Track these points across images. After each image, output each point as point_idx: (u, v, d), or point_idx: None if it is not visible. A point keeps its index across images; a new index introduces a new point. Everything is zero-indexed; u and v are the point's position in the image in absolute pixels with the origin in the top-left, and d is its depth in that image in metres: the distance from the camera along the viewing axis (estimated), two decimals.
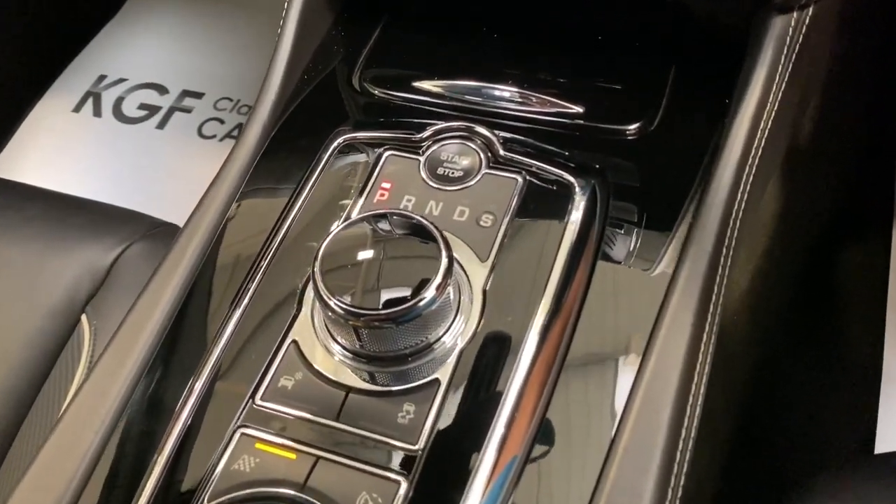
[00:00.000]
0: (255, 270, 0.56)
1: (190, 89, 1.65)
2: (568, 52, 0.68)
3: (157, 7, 1.81)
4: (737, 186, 0.59)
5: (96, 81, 1.70)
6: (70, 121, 1.64)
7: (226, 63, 1.67)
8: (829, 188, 1.03)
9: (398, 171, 0.59)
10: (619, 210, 0.58)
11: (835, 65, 0.75)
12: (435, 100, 0.65)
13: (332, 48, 0.72)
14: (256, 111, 0.68)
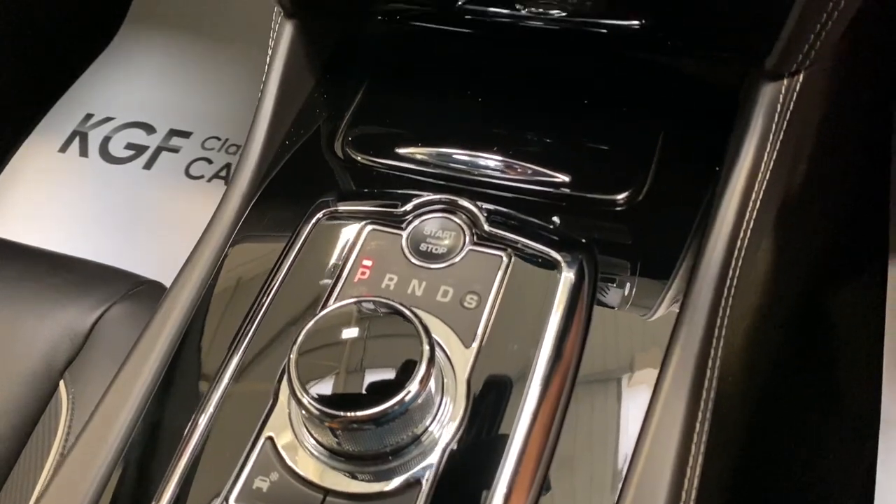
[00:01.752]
0: (231, 355, 0.54)
1: (177, 128, 1.63)
2: (554, 115, 0.67)
3: (144, 44, 1.80)
4: (730, 256, 0.58)
5: (83, 120, 1.69)
6: (56, 161, 1.62)
7: (214, 101, 1.66)
8: (823, 231, 1.02)
9: (380, 248, 0.57)
10: (608, 286, 0.56)
11: (826, 122, 0.74)
12: (418, 167, 0.64)
13: (314, 112, 0.71)
14: (237, 178, 0.67)
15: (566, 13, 0.60)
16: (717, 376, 0.55)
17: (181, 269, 0.63)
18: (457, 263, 0.55)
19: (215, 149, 1.59)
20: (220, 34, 1.75)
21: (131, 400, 0.55)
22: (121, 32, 1.84)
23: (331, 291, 0.55)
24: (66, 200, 1.54)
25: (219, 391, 0.52)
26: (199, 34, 1.78)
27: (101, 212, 1.51)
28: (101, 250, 1.41)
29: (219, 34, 1.75)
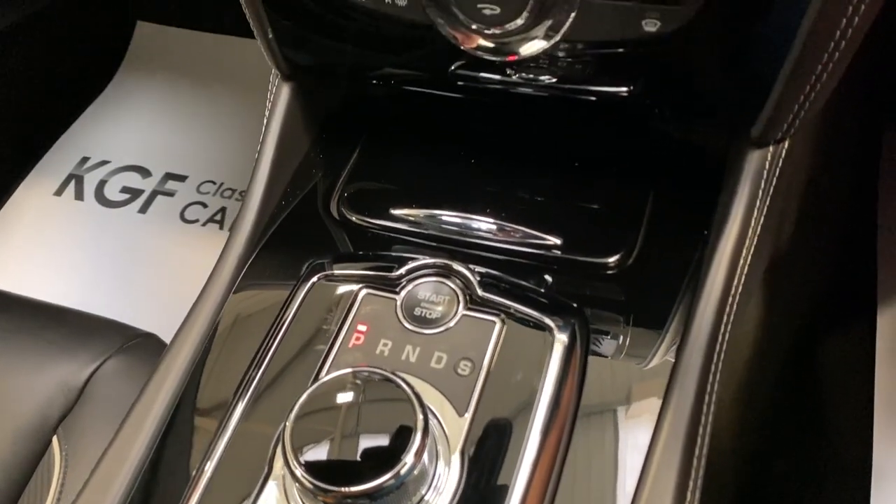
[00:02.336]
0: (226, 423, 0.54)
1: (173, 172, 1.65)
2: (545, 176, 0.68)
3: (141, 88, 1.82)
4: (719, 319, 0.59)
5: (79, 163, 1.70)
6: (52, 204, 1.63)
7: (209, 145, 1.67)
8: (811, 285, 1.03)
9: (374, 312, 0.58)
10: (599, 350, 0.57)
11: (812, 183, 0.75)
12: (413, 228, 0.65)
13: (310, 171, 0.72)
14: (234, 238, 0.68)
15: (556, 79, 0.62)
16: (709, 433, 0.56)
17: (179, 330, 0.64)
18: (451, 329, 0.56)
19: (210, 192, 1.60)
20: (216, 78, 1.77)
21: (128, 462, 0.55)
22: (118, 76, 1.87)
23: (326, 357, 0.56)
24: (61, 244, 1.55)
25: (214, 459, 0.52)
26: (195, 78, 1.80)
27: (96, 257, 1.51)
28: (96, 297, 1.42)
29: (214, 78, 1.78)
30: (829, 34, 0.52)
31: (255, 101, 0.78)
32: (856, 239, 1.17)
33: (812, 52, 0.53)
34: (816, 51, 0.53)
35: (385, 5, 0.60)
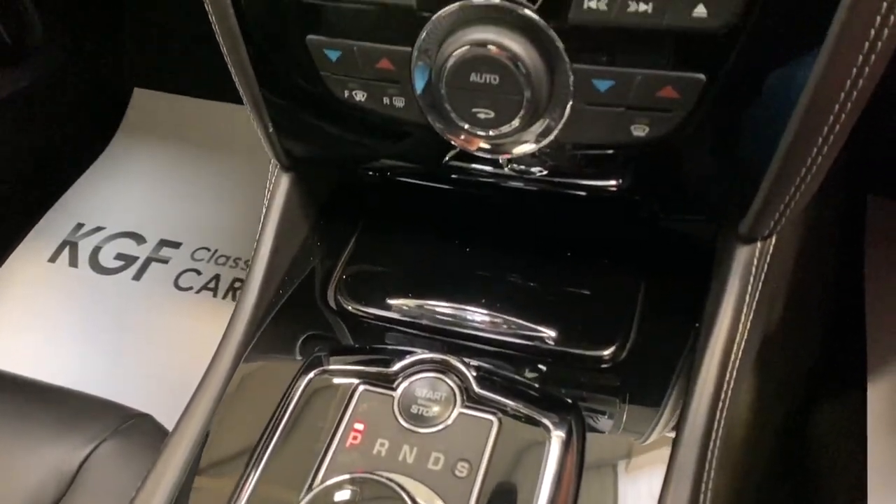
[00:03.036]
0: None
1: (167, 238, 1.66)
2: (539, 267, 0.70)
3: (137, 153, 1.85)
4: (714, 408, 0.60)
5: (74, 230, 1.71)
6: (45, 271, 1.63)
7: (204, 212, 1.69)
8: (803, 358, 1.04)
9: (371, 410, 0.58)
10: (596, 443, 0.57)
11: (800, 269, 0.77)
12: (409, 319, 0.66)
13: (308, 259, 0.73)
14: (233, 327, 0.68)
15: (546, 172, 0.64)
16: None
17: (177, 424, 0.64)
18: (448, 427, 0.56)
19: (204, 259, 1.61)
20: (212, 144, 1.80)
21: None
22: (114, 141, 1.89)
23: (323, 458, 0.56)
24: (55, 313, 1.55)
25: None
26: (191, 144, 1.83)
27: (89, 326, 1.51)
28: (89, 370, 1.41)
29: (210, 144, 1.80)
30: (814, 138, 0.54)
31: (251, 168, 0.79)
32: (844, 308, 1.18)
33: (798, 154, 0.55)
34: (802, 153, 0.55)
35: (384, 106, 0.62)
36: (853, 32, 0.48)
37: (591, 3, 0.51)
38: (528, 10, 0.53)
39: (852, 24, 0.47)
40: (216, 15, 0.62)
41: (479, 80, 0.55)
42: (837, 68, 0.50)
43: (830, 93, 0.51)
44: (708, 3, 0.49)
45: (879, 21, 0.47)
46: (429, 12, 0.55)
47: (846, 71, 0.50)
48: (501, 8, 0.53)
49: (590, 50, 0.54)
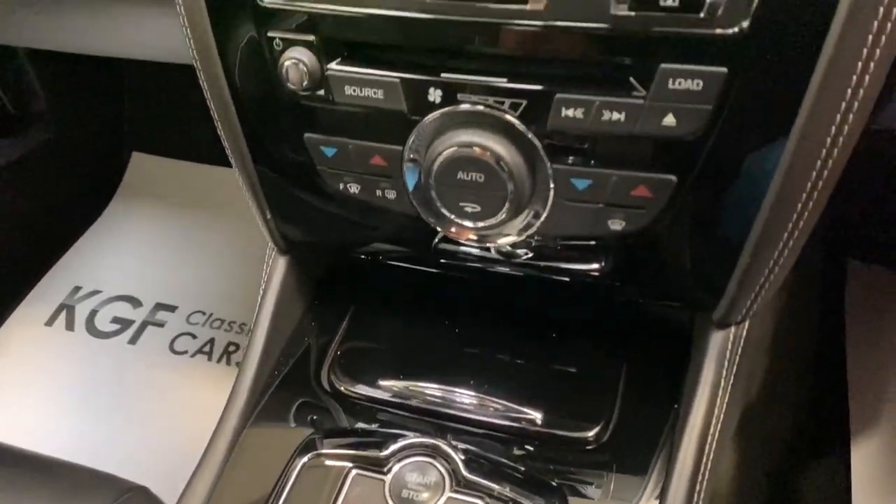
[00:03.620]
0: None
1: (163, 302, 1.68)
2: (525, 348, 0.73)
3: (134, 217, 1.88)
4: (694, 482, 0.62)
5: (71, 293, 1.73)
6: (42, 334, 1.65)
7: (200, 275, 1.72)
8: (784, 425, 1.07)
9: (363, 494, 0.60)
10: None
11: (778, 341, 0.80)
12: (400, 400, 0.69)
13: (303, 340, 0.76)
14: (230, 407, 0.71)
15: (531, 255, 0.67)
16: None
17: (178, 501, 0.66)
18: None
19: (199, 323, 1.63)
20: (209, 208, 1.83)
21: None
22: (111, 205, 1.93)
23: None
24: (51, 377, 1.56)
25: None
26: (188, 208, 1.86)
27: (85, 391, 1.53)
28: (84, 438, 1.42)
29: (207, 208, 1.84)
30: (779, 234, 0.57)
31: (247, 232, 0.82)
32: (826, 373, 1.21)
33: (765, 248, 0.58)
34: (769, 247, 0.58)
35: (376, 199, 0.65)
36: (814, 135, 0.52)
37: (569, 111, 0.55)
38: (509, 115, 0.57)
39: (814, 127, 0.51)
40: (219, 113, 0.66)
41: (465, 177, 0.59)
42: (799, 171, 0.54)
43: (793, 191, 0.55)
44: (676, 113, 0.53)
45: (839, 119, 0.51)
46: (418, 116, 0.59)
47: (807, 172, 0.54)
48: (485, 114, 0.57)
49: (568, 152, 0.58)
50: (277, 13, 0.58)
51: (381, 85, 0.58)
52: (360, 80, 0.59)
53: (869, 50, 0.48)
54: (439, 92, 0.57)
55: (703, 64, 0.50)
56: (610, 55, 0.52)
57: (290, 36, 0.59)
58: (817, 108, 0.51)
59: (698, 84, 0.51)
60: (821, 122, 0.51)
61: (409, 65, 0.58)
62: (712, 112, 0.52)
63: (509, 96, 0.56)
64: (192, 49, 0.63)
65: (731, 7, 0.48)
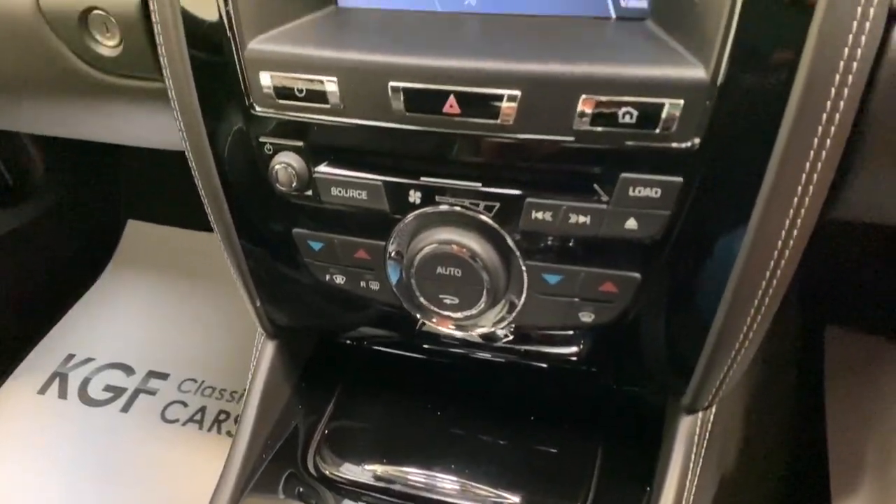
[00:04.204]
0: None
1: (156, 370, 1.70)
2: (505, 430, 0.76)
3: (128, 284, 1.91)
4: None
5: (64, 361, 1.75)
6: (35, 403, 1.66)
7: (193, 342, 1.74)
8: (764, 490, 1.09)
9: None
10: None
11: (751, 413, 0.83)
12: (384, 485, 0.71)
13: (290, 422, 0.78)
14: (219, 495, 0.73)
15: (510, 337, 0.70)
16: None
17: None
18: None
19: (191, 391, 1.64)
20: (203, 275, 1.87)
21: None
22: (106, 272, 1.96)
23: None
24: (42, 447, 1.57)
25: None
26: (182, 275, 1.90)
27: (76, 461, 1.53)
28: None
29: (201, 275, 1.87)
30: (739, 326, 0.61)
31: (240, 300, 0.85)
32: (805, 441, 1.23)
33: (727, 339, 0.62)
34: (731, 338, 0.62)
35: (361, 289, 0.69)
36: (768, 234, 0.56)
37: (538, 213, 0.59)
38: (484, 216, 0.61)
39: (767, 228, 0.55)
40: (211, 207, 0.70)
41: (444, 272, 0.63)
42: (755, 268, 0.58)
43: (751, 286, 0.59)
44: (638, 217, 0.57)
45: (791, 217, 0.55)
46: (400, 215, 0.63)
47: (763, 269, 0.58)
48: (462, 214, 0.61)
49: (539, 250, 0.62)
50: (269, 120, 0.62)
51: (365, 187, 0.62)
52: (345, 182, 0.63)
53: (812, 161, 0.52)
54: (419, 194, 0.62)
55: (660, 174, 0.54)
56: (575, 164, 0.56)
57: (280, 141, 0.63)
58: (769, 210, 0.55)
59: (657, 192, 0.55)
60: (773, 222, 0.55)
61: (391, 169, 0.62)
62: (671, 217, 0.56)
63: (484, 199, 0.60)
64: (188, 150, 0.68)
65: (683, 124, 0.52)
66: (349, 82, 0.58)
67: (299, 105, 0.60)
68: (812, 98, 0.50)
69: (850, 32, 0.47)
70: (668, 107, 0.52)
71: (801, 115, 0.50)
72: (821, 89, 0.49)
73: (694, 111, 0.51)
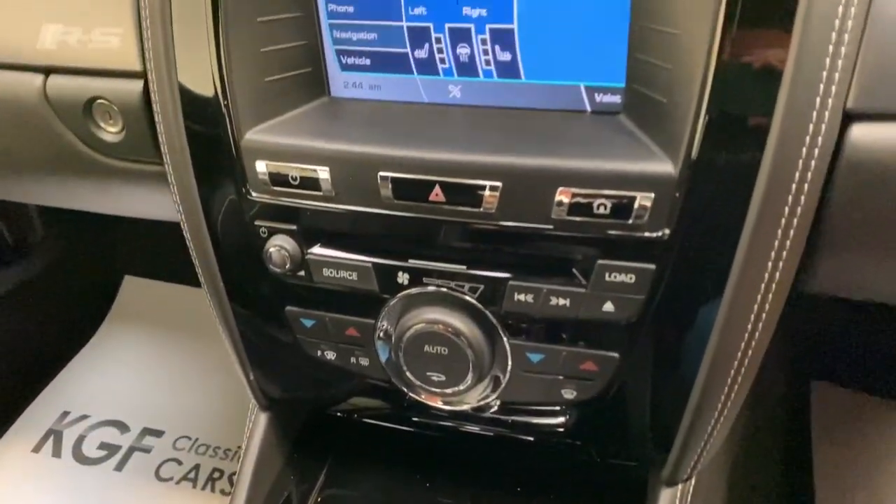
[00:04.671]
0: None
1: (150, 427, 1.71)
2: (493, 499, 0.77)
3: (124, 340, 1.92)
4: None
5: (59, 418, 1.75)
6: (28, 462, 1.66)
7: (188, 399, 1.75)
8: None
9: None
10: None
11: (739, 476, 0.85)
12: None
13: (282, 492, 0.80)
14: None
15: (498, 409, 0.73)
16: None
17: None
18: None
19: (185, 448, 1.65)
20: (199, 332, 1.88)
21: None
22: (103, 327, 1.97)
23: None
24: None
25: None
26: (179, 331, 1.91)
27: None
28: None
29: (198, 332, 1.89)
30: (717, 398, 0.63)
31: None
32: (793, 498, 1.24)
33: (703, 416, 0.64)
34: (706, 415, 0.64)
35: (351, 365, 0.71)
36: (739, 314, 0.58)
37: (520, 296, 0.62)
38: (469, 297, 0.64)
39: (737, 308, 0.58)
40: (207, 284, 0.73)
41: (431, 350, 0.65)
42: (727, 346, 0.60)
43: (724, 363, 0.61)
44: (614, 301, 0.59)
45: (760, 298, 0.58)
46: (389, 295, 0.66)
47: (734, 347, 0.61)
48: (448, 295, 0.64)
49: (522, 329, 0.64)
50: (264, 205, 0.65)
51: (355, 269, 0.65)
52: (336, 264, 0.66)
53: (777, 249, 0.55)
54: (407, 275, 0.64)
55: (634, 261, 0.57)
56: (554, 250, 0.59)
57: (274, 225, 0.66)
58: (738, 295, 0.58)
59: (631, 278, 0.58)
60: (743, 305, 0.58)
61: (381, 251, 0.65)
62: (645, 301, 0.59)
63: (469, 281, 0.63)
64: (186, 231, 0.71)
65: (654, 215, 0.55)
66: (341, 171, 0.61)
67: (293, 192, 0.63)
68: (774, 193, 0.53)
69: (808, 134, 0.51)
70: (639, 199, 0.55)
71: (765, 209, 0.53)
72: (782, 185, 0.52)
73: (664, 203, 0.55)
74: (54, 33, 0.70)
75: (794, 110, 0.50)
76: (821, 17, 0.48)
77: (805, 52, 0.49)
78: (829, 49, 0.49)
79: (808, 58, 0.49)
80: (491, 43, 0.62)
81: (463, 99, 0.65)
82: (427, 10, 0.62)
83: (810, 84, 0.50)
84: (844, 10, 0.48)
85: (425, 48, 0.63)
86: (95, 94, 0.71)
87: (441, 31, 0.62)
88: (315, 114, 0.66)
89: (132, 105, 0.69)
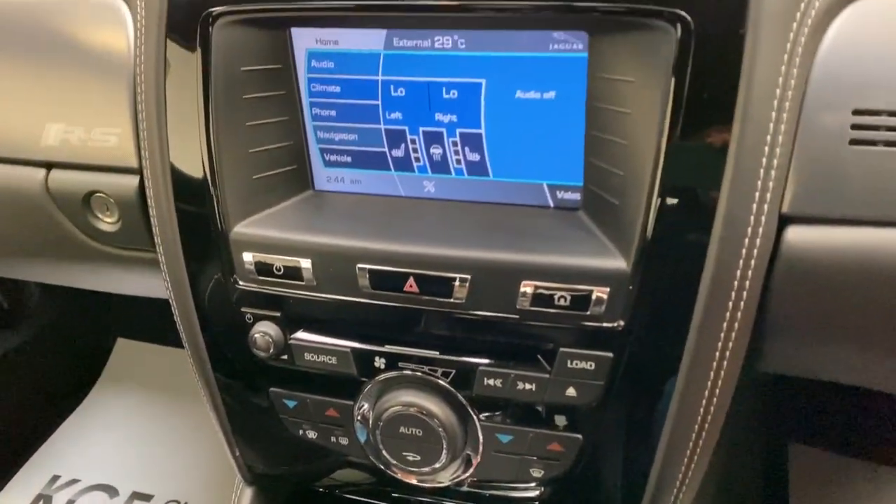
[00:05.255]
0: None
1: (140, 491, 1.72)
2: None
3: (115, 403, 1.94)
4: None
5: (49, 482, 1.76)
6: None
7: (177, 462, 1.76)
8: None
9: None
10: None
11: None
12: None
13: None
14: None
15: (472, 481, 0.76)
16: None
17: None
18: None
19: None
20: (189, 396, 1.90)
21: None
22: (94, 390, 1.99)
23: None
24: None
25: None
26: (170, 395, 1.93)
27: None
28: None
29: (188, 395, 1.90)
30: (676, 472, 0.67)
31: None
32: None
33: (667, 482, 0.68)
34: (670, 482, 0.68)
35: (331, 444, 0.75)
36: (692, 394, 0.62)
37: (490, 380, 0.66)
38: (442, 381, 0.68)
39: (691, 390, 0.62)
40: (197, 367, 0.77)
41: (406, 431, 0.69)
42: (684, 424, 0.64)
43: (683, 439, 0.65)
44: (576, 386, 0.64)
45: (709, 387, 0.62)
46: (366, 378, 0.70)
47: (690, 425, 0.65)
48: (423, 379, 0.68)
49: (492, 412, 0.68)
50: (250, 293, 0.70)
51: (335, 353, 0.69)
52: (317, 349, 0.70)
53: (724, 338, 0.60)
54: (383, 360, 0.69)
55: (593, 349, 0.62)
56: (520, 338, 0.64)
57: (259, 311, 0.70)
58: (691, 380, 0.62)
59: (591, 364, 0.62)
60: (696, 389, 0.62)
61: (359, 337, 0.69)
62: (605, 386, 0.63)
63: (441, 366, 0.67)
64: (177, 315, 0.75)
65: (610, 307, 0.60)
66: (322, 263, 0.66)
67: (278, 281, 0.68)
68: (719, 288, 0.57)
69: (746, 236, 0.56)
70: (596, 292, 0.59)
71: (711, 302, 0.58)
72: (726, 281, 0.57)
73: (618, 296, 0.59)
74: (57, 131, 0.75)
75: (732, 215, 0.55)
76: (754, 133, 0.53)
77: (741, 165, 0.54)
78: (763, 161, 0.54)
79: (743, 169, 0.54)
80: (461, 145, 0.67)
81: (437, 193, 0.70)
82: (403, 115, 0.67)
83: (747, 192, 0.55)
84: (775, 128, 0.53)
85: (402, 148, 0.68)
86: (94, 188, 0.76)
87: (416, 134, 0.67)
88: (299, 207, 0.70)
89: (128, 198, 0.74)
